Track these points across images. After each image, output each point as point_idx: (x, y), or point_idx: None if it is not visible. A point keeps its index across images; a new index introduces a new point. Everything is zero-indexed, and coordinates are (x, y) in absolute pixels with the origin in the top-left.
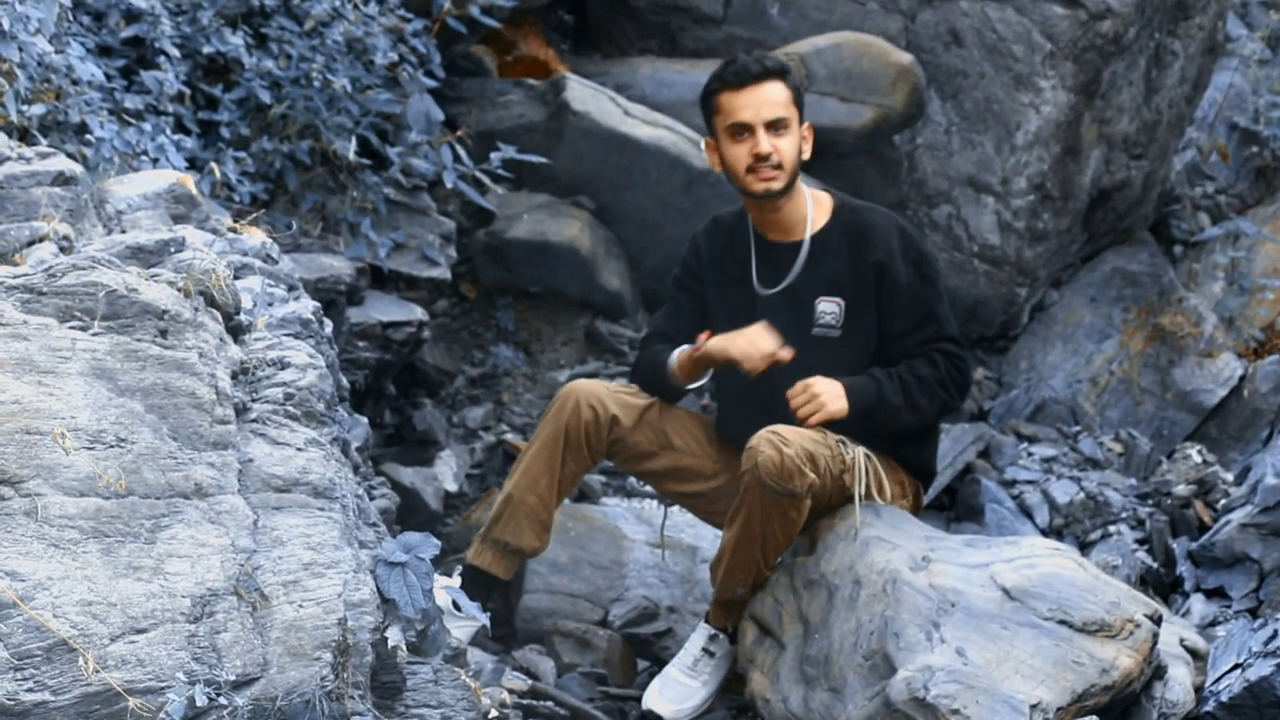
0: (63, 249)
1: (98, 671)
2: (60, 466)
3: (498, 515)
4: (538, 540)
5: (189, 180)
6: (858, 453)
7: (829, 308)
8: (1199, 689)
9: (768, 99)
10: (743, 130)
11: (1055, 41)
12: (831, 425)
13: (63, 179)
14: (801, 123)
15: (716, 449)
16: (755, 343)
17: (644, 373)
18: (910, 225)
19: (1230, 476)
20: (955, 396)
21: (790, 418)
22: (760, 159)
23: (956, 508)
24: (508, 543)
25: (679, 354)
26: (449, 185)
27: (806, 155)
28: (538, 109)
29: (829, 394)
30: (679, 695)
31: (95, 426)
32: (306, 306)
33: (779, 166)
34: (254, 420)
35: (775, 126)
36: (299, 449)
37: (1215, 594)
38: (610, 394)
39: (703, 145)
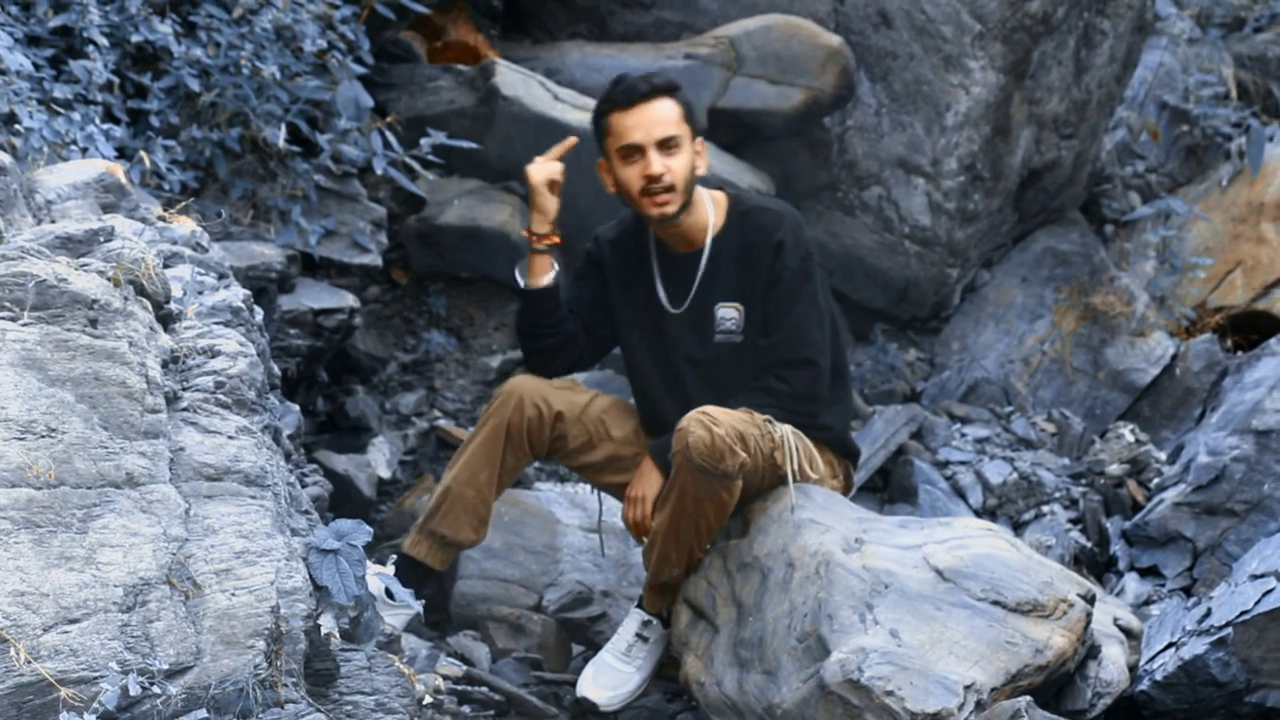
0: None
1: (30, 662)
2: None
3: (435, 507)
4: (475, 534)
5: (118, 169)
6: (785, 430)
7: (729, 314)
8: (1133, 668)
9: (658, 118)
10: (634, 151)
11: (984, 22)
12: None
13: None
14: (695, 138)
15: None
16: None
17: (517, 320)
18: (800, 223)
19: (1163, 456)
20: (795, 410)
21: (709, 401)
22: (652, 180)
23: (889, 489)
24: (444, 535)
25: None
26: (379, 172)
27: (701, 171)
28: (467, 95)
29: (644, 484)
30: (613, 681)
31: (25, 417)
32: (237, 294)
33: (671, 189)
34: (185, 409)
35: (666, 146)
36: (230, 437)
37: (1149, 573)
38: (554, 390)
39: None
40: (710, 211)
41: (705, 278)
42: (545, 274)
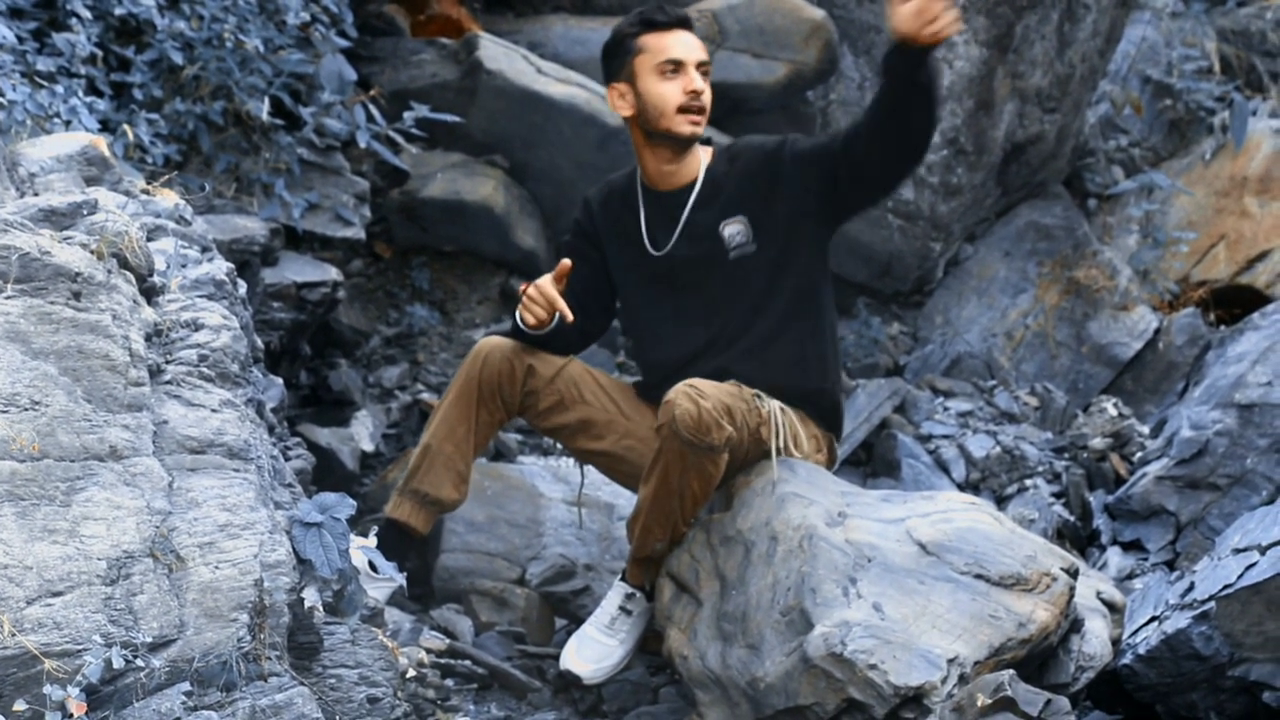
0: None
1: (14, 634)
2: None
3: (415, 467)
4: (456, 491)
5: (101, 142)
6: (773, 405)
7: (735, 228)
8: (1116, 642)
9: (695, 43)
10: (676, 67)
11: None
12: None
13: None
14: None
15: (630, 408)
16: (540, 288)
17: (512, 324)
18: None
19: (1146, 429)
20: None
21: (755, 342)
22: (695, 95)
23: (873, 463)
24: (426, 493)
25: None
26: (363, 145)
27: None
28: (451, 68)
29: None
30: (597, 654)
31: (9, 390)
32: (220, 268)
33: (703, 110)
34: (168, 382)
35: (702, 68)
36: (213, 410)
37: (1132, 547)
38: (525, 347)
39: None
40: (701, 155)
41: (697, 206)
42: (547, 325)
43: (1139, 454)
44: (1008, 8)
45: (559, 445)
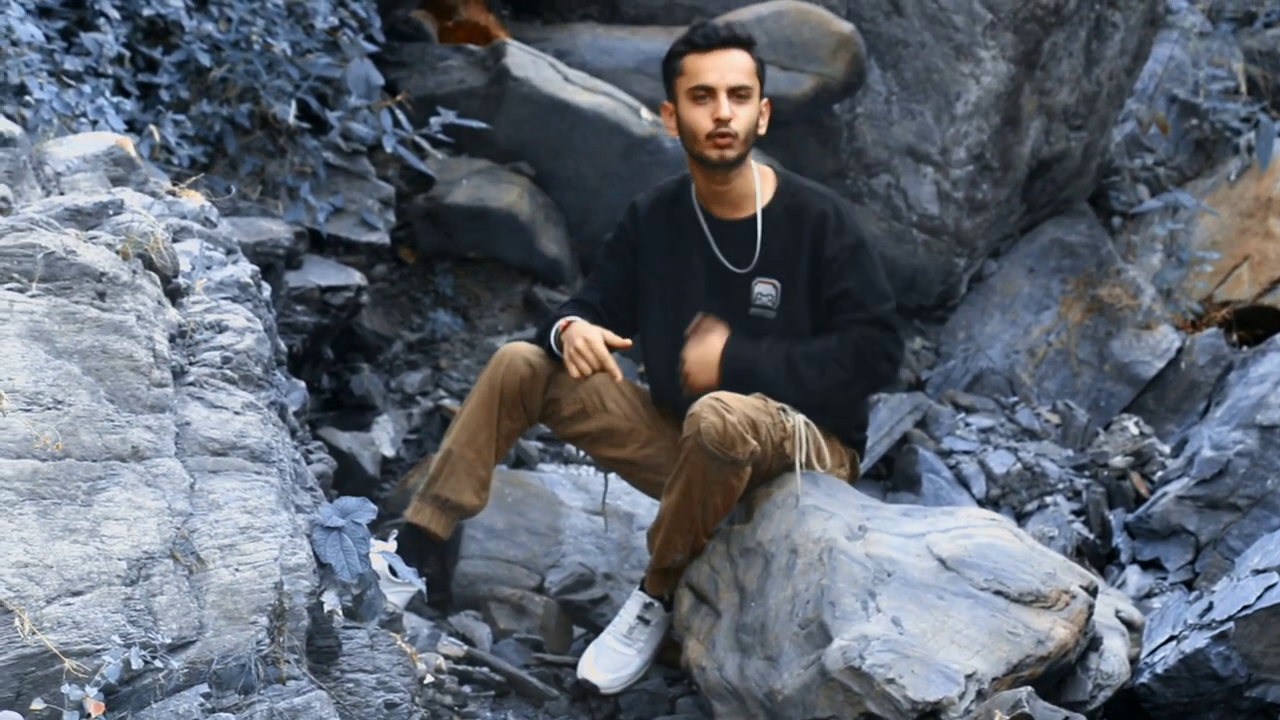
0: (1, 211)
1: (34, 633)
2: None
3: (436, 472)
4: (476, 498)
5: (128, 143)
6: (798, 420)
7: (765, 289)
8: (1134, 660)
9: (733, 65)
10: (705, 93)
11: (996, 12)
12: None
13: (1, 140)
14: (762, 97)
15: (651, 416)
16: (591, 343)
17: (540, 333)
18: (849, 207)
19: (1167, 449)
20: (865, 376)
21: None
22: (720, 123)
23: (893, 477)
24: (447, 499)
25: (560, 324)
26: (388, 150)
27: (763, 130)
28: (478, 74)
29: (696, 371)
30: (614, 663)
31: (32, 388)
32: (245, 270)
33: (735, 135)
34: (191, 383)
35: (737, 93)
36: (236, 413)
37: (1151, 566)
38: (546, 356)
39: (652, 113)
40: (757, 179)
41: (764, 243)
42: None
43: (1159, 473)
44: (1036, 25)
45: (580, 453)
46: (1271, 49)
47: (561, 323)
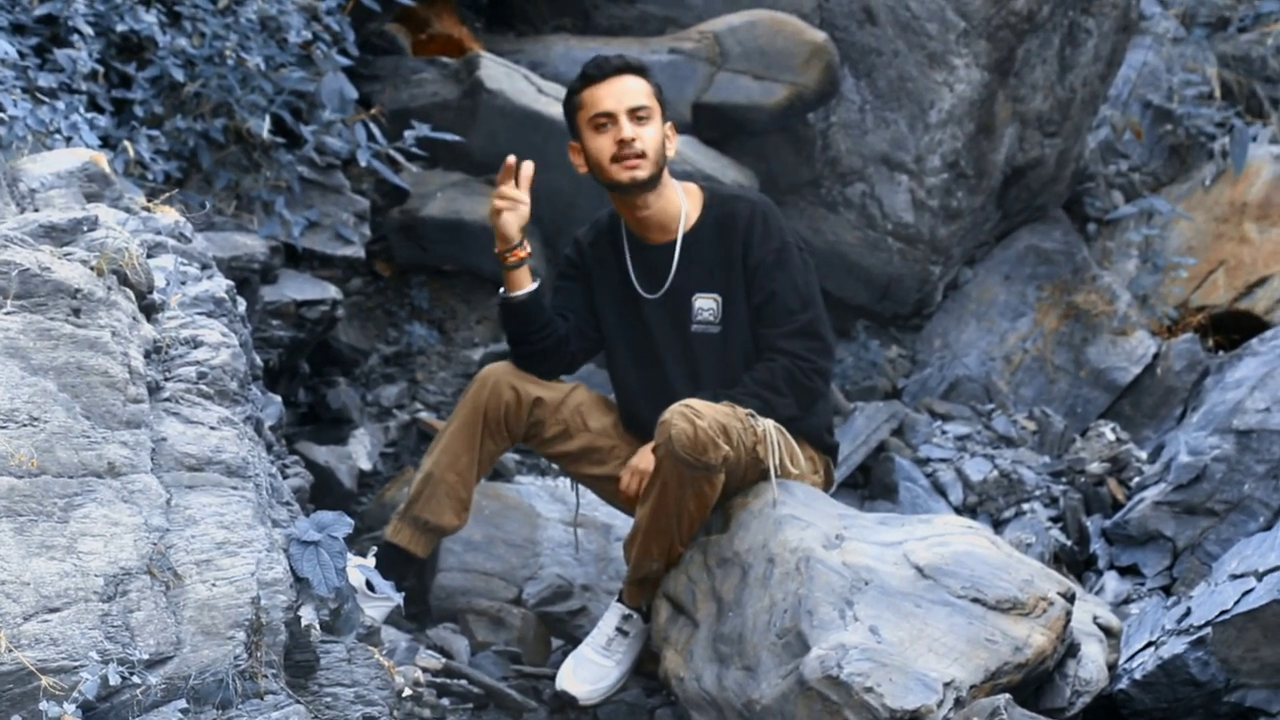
0: None
1: (10, 650)
2: None
3: (417, 494)
4: (457, 519)
5: (102, 159)
6: (768, 424)
7: (706, 304)
8: (1112, 667)
9: (628, 89)
10: (605, 119)
11: (969, 19)
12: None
13: None
14: (664, 121)
15: (630, 436)
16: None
17: (505, 329)
18: (776, 210)
19: (1144, 454)
20: (803, 396)
21: (688, 394)
22: (624, 144)
23: (870, 486)
24: (427, 521)
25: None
26: (363, 163)
27: (671, 154)
28: (452, 87)
29: (646, 459)
30: (593, 675)
31: (8, 405)
32: (220, 285)
33: (642, 155)
34: (167, 399)
35: (637, 114)
36: (212, 428)
37: (1128, 572)
38: (530, 378)
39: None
40: (684, 201)
41: (681, 267)
42: (523, 285)
43: (1136, 479)
44: (1009, 32)
45: (555, 466)
46: (1245, 54)
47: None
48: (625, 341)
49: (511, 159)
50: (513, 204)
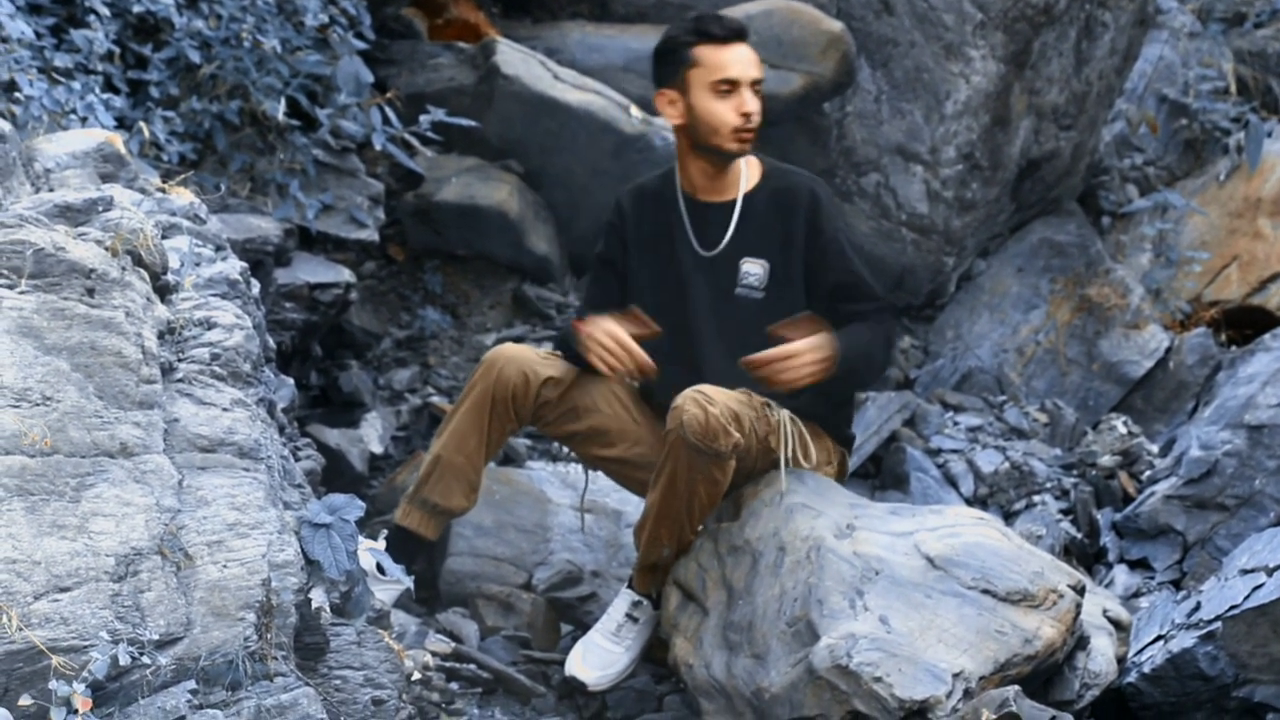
0: None
1: (21, 629)
2: None
3: (425, 476)
4: (466, 500)
5: (117, 139)
6: (783, 415)
7: (753, 269)
8: (1121, 660)
9: (751, 58)
10: (730, 87)
11: (986, 11)
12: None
13: None
14: None
15: (641, 415)
16: (618, 339)
17: (560, 343)
18: (832, 193)
19: (1155, 448)
20: (887, 361)
21: (718, 379)
22: (747, 117)
23: (881, 476)
24: (436, 503)
25: (577, 326)
26: (378, 147)
27: None
28: (468, 72)
29: (811, 353)
30: (602, 661)
31: (21, 384)
32: (234, 267)
33: (755, 130)
34: (180, 380)
35: (755, 86)
36: (225, 409)
37: (1139, 565)
38: (539, 358)
39: (641, 110)
40: (744, 166)
41: (738, 228)
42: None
43: (1147, 473)
44: (1026, 24)
45: (567, 450)
46: (1261, 49)
47: (577, 323)
48: (657, 300)
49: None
50: (623, 361)
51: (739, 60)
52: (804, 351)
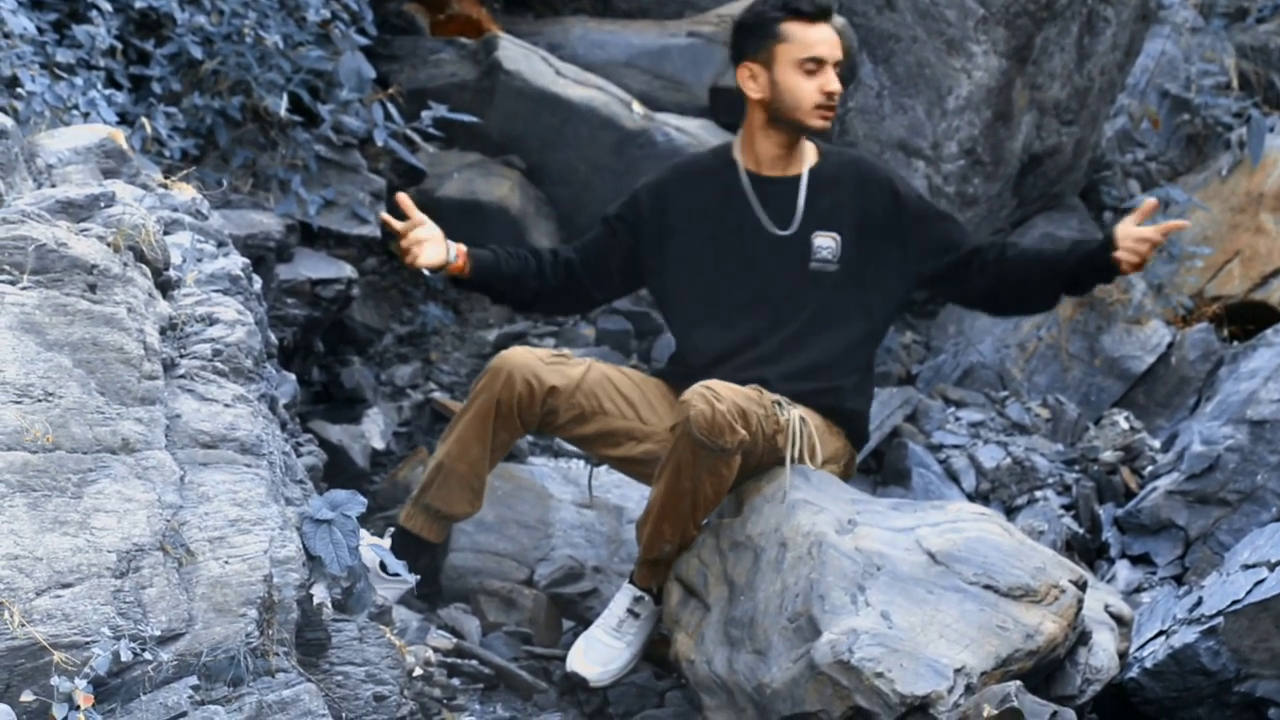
0: None
1: (23, 625)
2: None
3: (429, 482)
4: (469, 506)
5: (120, 135)
6: (793, 415)
7: (825, 242)
8: (1123, 655)
9: (836, 40)
10: (816, 66)
11: (988, 6)
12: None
13: None
14: None
15: (649, 409)
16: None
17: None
18: None
19: (1157, 443)
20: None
21: (787, 354)
22: (831, 96)
23: (883, 471)
24: (439, 509)
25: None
26: (380, 143)
27: None
28: (469, 68)
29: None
30: (603, 656)
31: (23, 380)
32: (236, 263)
33: (835, 108)
34: (182, 376)
35: (838, 66)
36: (226, 405)
37: (1140, 560)
38: (544, 364)
39: (643, 106)
40: (807, 146)
41: (808, 202)
42: (460, 269)
43: (1149, 468)
44: (1028, 19)
45: (569, 445)
46: (1263, 44)
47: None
48: (715, 276)
49: (398, 203)
50: (418, 242)
51: (825, 40)
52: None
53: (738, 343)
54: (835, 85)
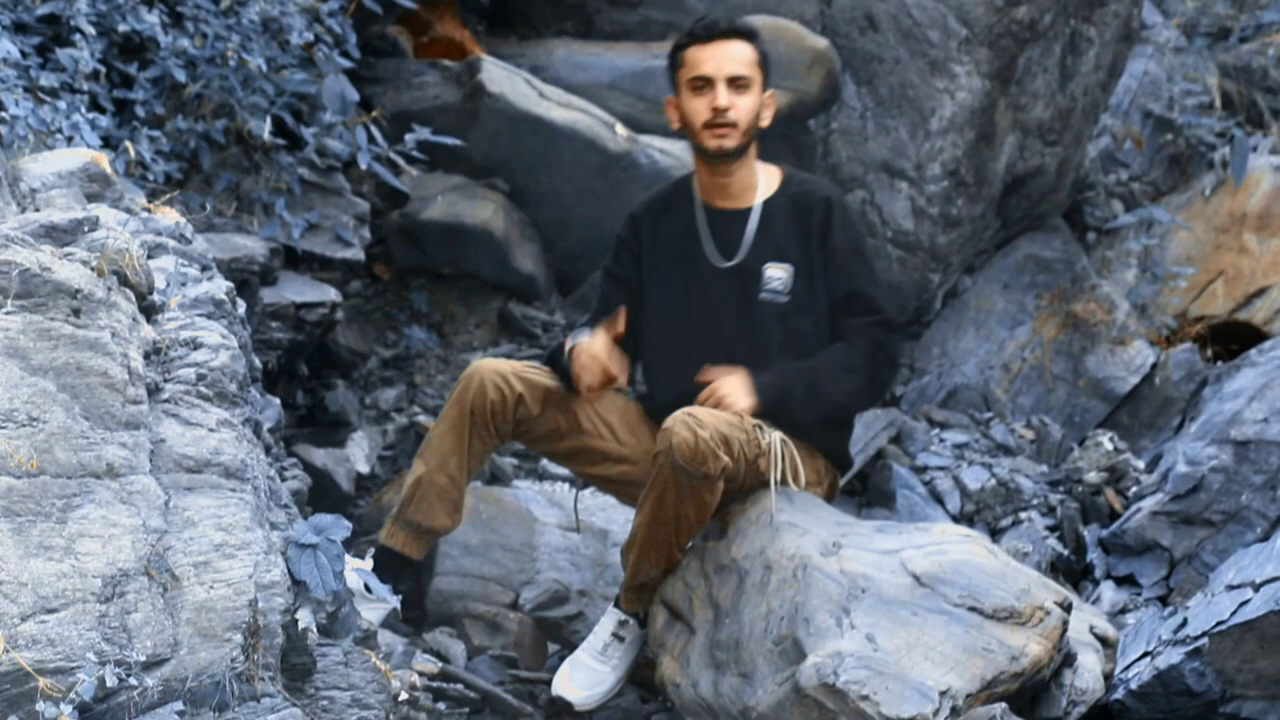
0: None
1: (8, 651)
2: None
3: (409, 497)
4: (450, 519)
5: (103, 159)
6: (774, 438)
7: (776, 274)
8: (1108, 676)
9: (731, 55)
10: (703, 83)
11: (971, 27)
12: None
13: None
14: (765, 90)
15: (627, 430)
16: (594, 356)
17: (551, 359)
18: (850, 205)
19: (1141, 464)
20: (875, 380)
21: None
22: (718, 112)
23: (868, 493)
24: (420, 524)
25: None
26: (363, 166)
27: (766, 123)
28: (453, 90)
29: (735, 393)
30: (589, 680)
31: (7, 405)
32: (220, 287)
33: (734, 125)
34: (166, 400)
35: (736, 84)
36: (211, 429)
37: (1125, 581)
38: (515, 372)
39: (626, 128)
40: (762, 175)
41: (757, 235)
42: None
43: (1134, 489)
44: (1010, 40)
45: (556, 468)
46: (1246, 64)
47: (569, 346)
48: (676, 310)
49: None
50: (596, 374)
51: (714, 57)
52: (716, 390)
53: (689, 379)
54: (722, 101)
